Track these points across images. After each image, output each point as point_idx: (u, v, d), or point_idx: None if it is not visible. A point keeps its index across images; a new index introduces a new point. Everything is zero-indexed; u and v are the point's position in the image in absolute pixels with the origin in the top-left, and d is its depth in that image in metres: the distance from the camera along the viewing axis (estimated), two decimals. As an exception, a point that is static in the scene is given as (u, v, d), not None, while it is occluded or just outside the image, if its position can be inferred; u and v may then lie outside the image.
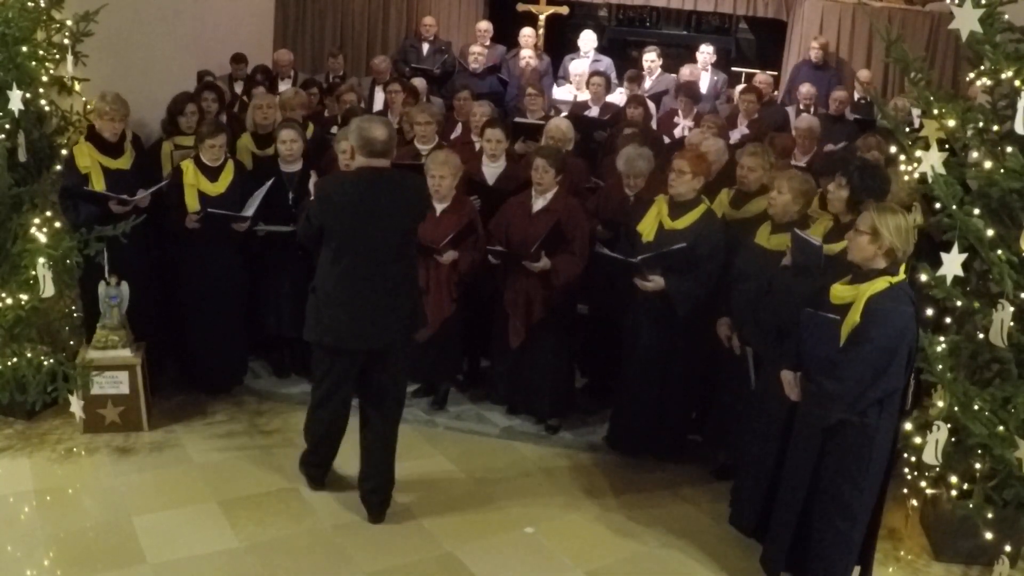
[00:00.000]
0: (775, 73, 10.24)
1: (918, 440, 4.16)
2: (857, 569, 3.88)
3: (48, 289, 4.72)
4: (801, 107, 8.35)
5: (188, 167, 5.22)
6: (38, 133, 5.11)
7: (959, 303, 4.13)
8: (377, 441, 4.32)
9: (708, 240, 4.61)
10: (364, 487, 4.37)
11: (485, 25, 9.68)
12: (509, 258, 5.07)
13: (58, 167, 5.09)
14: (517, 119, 6.84)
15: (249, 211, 5.14)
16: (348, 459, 4.55)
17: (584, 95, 8.27)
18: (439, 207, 5.17)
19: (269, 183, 5.22)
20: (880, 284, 3.53)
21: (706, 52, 9.23)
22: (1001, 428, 3.97)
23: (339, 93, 7.04)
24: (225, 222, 5.12)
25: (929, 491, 4.38)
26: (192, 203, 5.14)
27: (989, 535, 4.09)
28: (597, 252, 4.83)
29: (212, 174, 5.23)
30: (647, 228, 4.77)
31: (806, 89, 8.42)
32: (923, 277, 4.11)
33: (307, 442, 4.51)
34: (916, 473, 4.39)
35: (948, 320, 4.32)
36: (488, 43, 9.32)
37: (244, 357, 5.69)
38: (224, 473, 4.71)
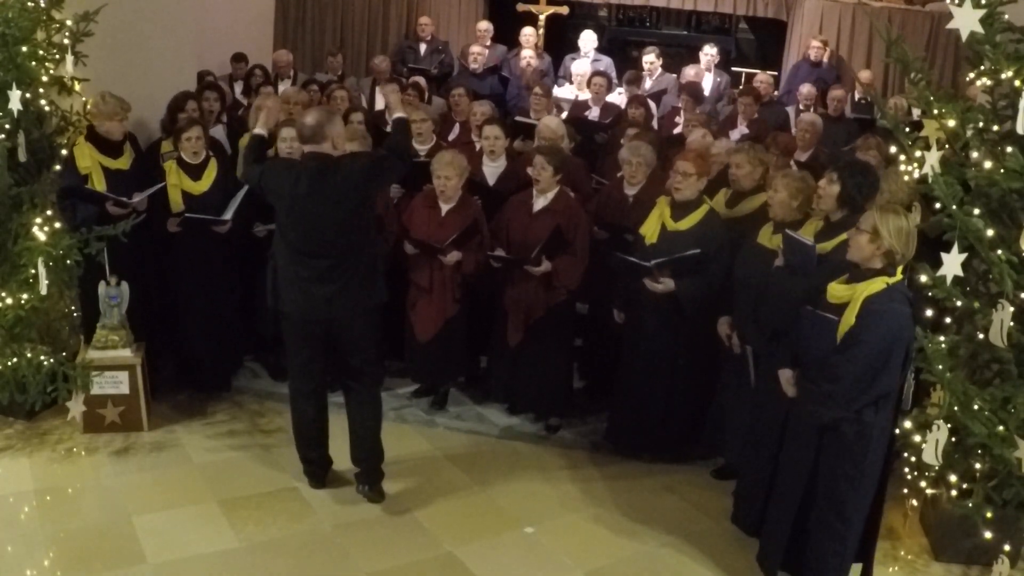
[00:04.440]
0: (775, 73, 10.24)
1: (918, 439, 4.17)
2: (859, 567, 3.88)
3: (43, 287, 4.72)
4: (801, 107, 8.36)
5: (171, 167, 5.23)
6: (38, 133, 5.11)
7: (959, 303, 4.13)
8: (357, 418, 4.45)
9: (713, 240, 4.61)
10: (355, 466, 4.53)
11: (485, 25, 9.68)
12: (511, 263, 5.07)
13: (58, 167, 5.08)
14: (517, 118, 6.83)
15: (227, 214, 5.14)
16: (349, 459, 4.56)
17: (585, 95, 8.27)
18: (444, 208, 5.17)
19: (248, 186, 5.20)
20: (877, 285, 3.53)
21: (710, 53, 9.23)
22: (1001, 428, 3.97)
23: (329, 92, 7.03)
24: (205, 225, 5.12)
25: (929, 491, 4.37)
26: (177, 202, 5.16)
27: (989, 535, 4.09)
28: (613, 255, 4.82)
29: (195, 173, 5.24)
30: (650, 230, 4.77)
31: (807, 90, 8.42)
32: (923, 277, 4.10)
33: (294, 431, 4.56)
34: (916, 473, 4.39)
35: (948, 320, 4.32)
36: (488, 43, 9.32)
37: (238, 354, 5.70)
38: (224, 473, 4.72)
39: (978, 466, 4.15)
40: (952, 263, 3.97)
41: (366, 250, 4.31)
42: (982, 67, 4.15)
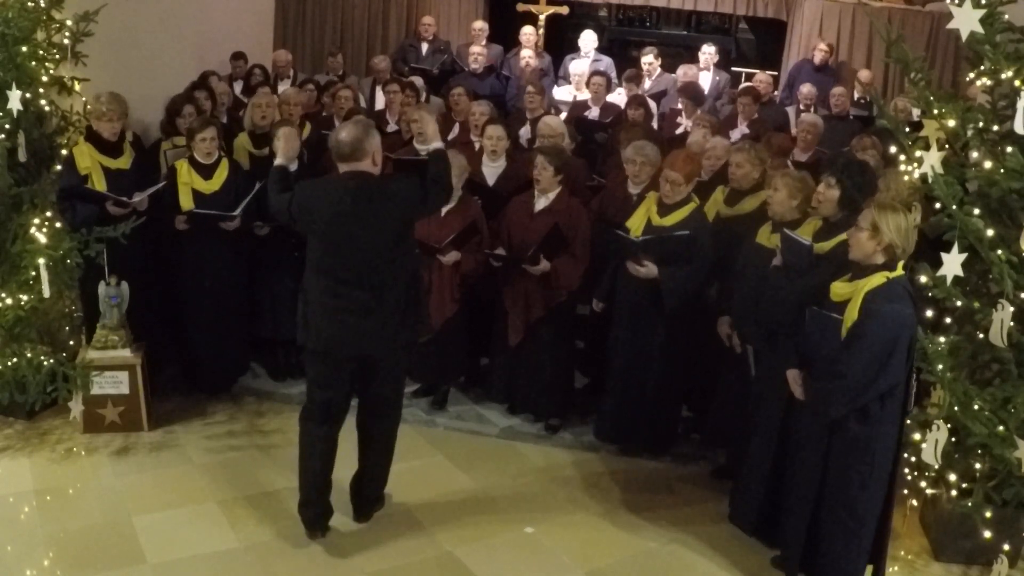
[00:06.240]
0: (775, 73, 10.24)
1: (918, 439, 4.17)
2: (870, 569, 3.88)
3: (46, 289, 4.72)
4: (802, 107, 8.35)
5: (182, 166, 5.22)
6: (38, 133, 5.11)
7: (959, 303, 4.13)
8: (370, 456, 4.26)
9: (697, 236, 4.62)
10: (352, 488, 4.33)
11: (480, 24, 9.66)
12: (509, 261, 5.08)
13: (58, 167, 5.09)
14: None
15: (237, 210, 5.12)
16: (351, 459, 4.55)
17: (584, 95, 8.27)
18: (444, 207, 5.16)
19: (259, 186, 5.19)
20: (877, 279, 3.54)
21: (708, 52, 9.23)
22: (1001, 428, 3.97)
23: (335, 91, 7.03)
24: (213, 222, 5.11)
25: (929, 491, 4.38)
26: (187, 202, 5.14)
27: (989, 535, 4.09)
28: (604, 228, 4.82)
29: (206, 172, 5.24)
30: (636, 224, 4.80)
31: (807, 89, 8.41)
32: (923, 278, 4.11)
33: (300, 462, 4.13)
34: (916, 473, 4.39)
35: (948, 320, 4.32)
36: (484, 42, 9.31)
37: (245, 356, 5.69)
38: (224, 473, 4.71)
39: (978, 466, 4.15)
40: (952, 263, 3.97)
41: (409, 280, 4.00)
42: (982, 67, 4.15)
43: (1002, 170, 4.01)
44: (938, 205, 4.17)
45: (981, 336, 4.11)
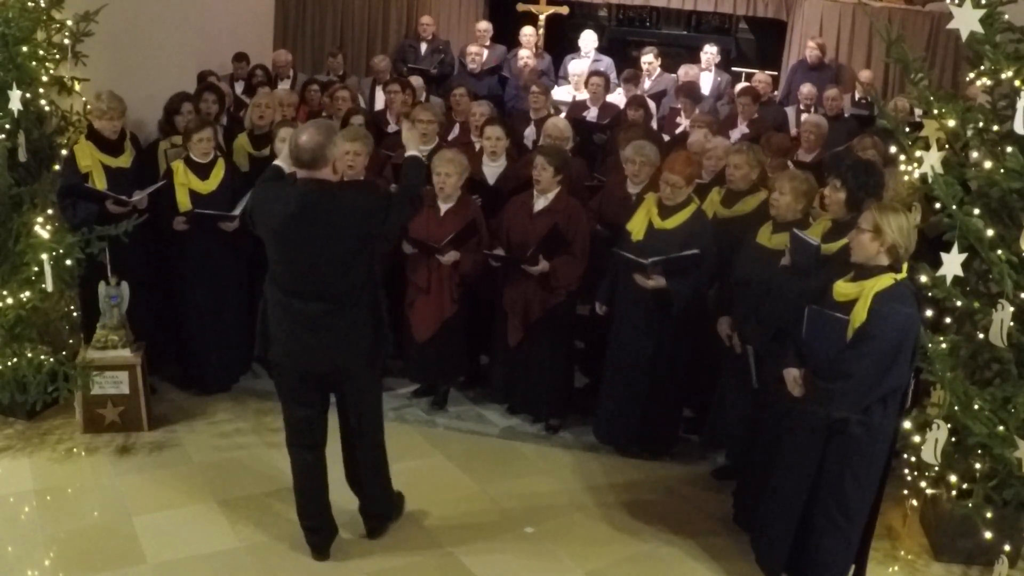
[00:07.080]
0: (775, 73, 10.24)
1: (918, 439, 4.17)
2: (852, 568, 3.88)
3: (49, 283, 4.72)
4: (801, 107, 8.36)
5: (178, 166, 5.22)
6: (38, 133, 5.12)
7: (959, 303, 4.14)
8: (360, 471, 4.15)
9: (699, 240, 4.63)
10: (361, 507, 4.25)
11: (484, 25, 9.67)
12: (508, 261, 5.08)
13: (58, 167, 5.09)
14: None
15: (236, 210, 5.10)
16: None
17: (583, 95, 8.27)
18: (443, 207, 5.17)
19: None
20: (885, 281, 3.54)
21: (710, 52, 9.24)
22: (1001, 428, 3.97)
23: (332, 91, 7.03)
24: (212, 222, 5.11)
25: (929, 491, 4.38)
26: (184, 202, 5.14)
27: (989, 535, 4.09)
28: (613, 251, 4.82)
29: (203, 172, 5.24)
30: (636, 227, 4.79)
31: (807, 89, 8.42)
32: (923, 278, 4.11)
33: (294, 485, 4.06)
34: (916, 473, 4.39)
35: (948, 320, 4.32)
36: (488, 43, 9.31)
37: (245, 356, 5.68)
38: (224, 473, 4.72)
39: (978, 466, 4.15)
40: (952, 263, 3.97)
41: (368, 294, 3.78)
42: (982, 67, 4.15)
43: (1002, 170, 4.01)
44: (938, 205, 4.17)
45: (981, 336, 4.10)
